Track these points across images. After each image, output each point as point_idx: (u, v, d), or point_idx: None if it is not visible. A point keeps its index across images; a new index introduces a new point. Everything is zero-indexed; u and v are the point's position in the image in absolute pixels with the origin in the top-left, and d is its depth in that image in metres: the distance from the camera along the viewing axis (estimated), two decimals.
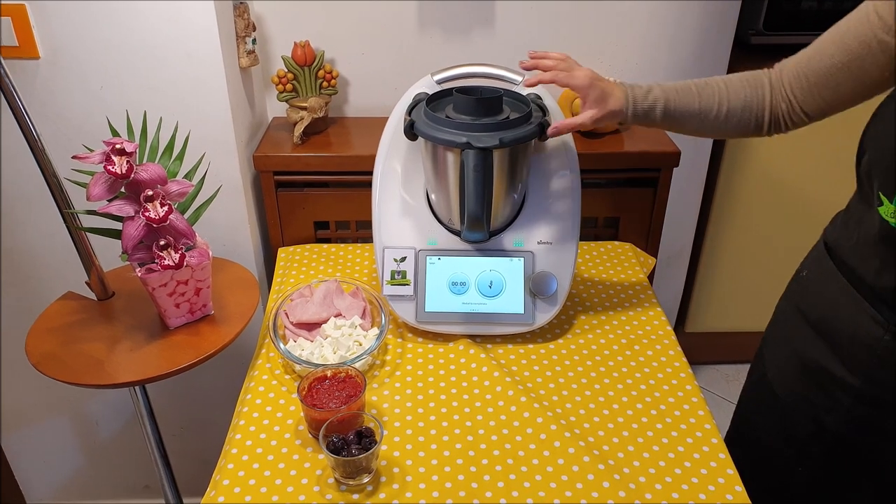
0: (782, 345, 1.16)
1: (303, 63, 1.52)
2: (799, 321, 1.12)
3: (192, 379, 1.68)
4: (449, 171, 1.15)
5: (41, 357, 1.16)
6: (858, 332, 0.99)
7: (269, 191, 1.53)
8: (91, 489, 1.99)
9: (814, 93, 1.00)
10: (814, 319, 1.08)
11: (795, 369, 1.11)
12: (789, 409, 1.11)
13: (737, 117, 1.05)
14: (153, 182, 1.11)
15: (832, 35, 0.99)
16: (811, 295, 1.10)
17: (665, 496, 0.96)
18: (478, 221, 1.11)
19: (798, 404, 1.10)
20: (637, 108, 1.05)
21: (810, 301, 1.10)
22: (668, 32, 1.61)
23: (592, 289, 1.38)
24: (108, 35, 1.31)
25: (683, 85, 1.07)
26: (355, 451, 0.94)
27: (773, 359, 1.17)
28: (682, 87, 1.06)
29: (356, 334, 1.20)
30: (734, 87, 1.06)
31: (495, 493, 0.96)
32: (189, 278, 1.19)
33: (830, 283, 1.04)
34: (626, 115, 1.06)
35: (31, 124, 1.12)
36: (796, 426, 1.10)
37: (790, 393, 1.11)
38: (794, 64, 1.03)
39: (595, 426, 1.07)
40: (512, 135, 1.09)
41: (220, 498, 0.96)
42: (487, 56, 1.58)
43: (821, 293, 1.07)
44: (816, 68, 1.00)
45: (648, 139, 1.59)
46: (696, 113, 1.06)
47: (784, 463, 1.12)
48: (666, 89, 1.06)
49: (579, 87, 1.06)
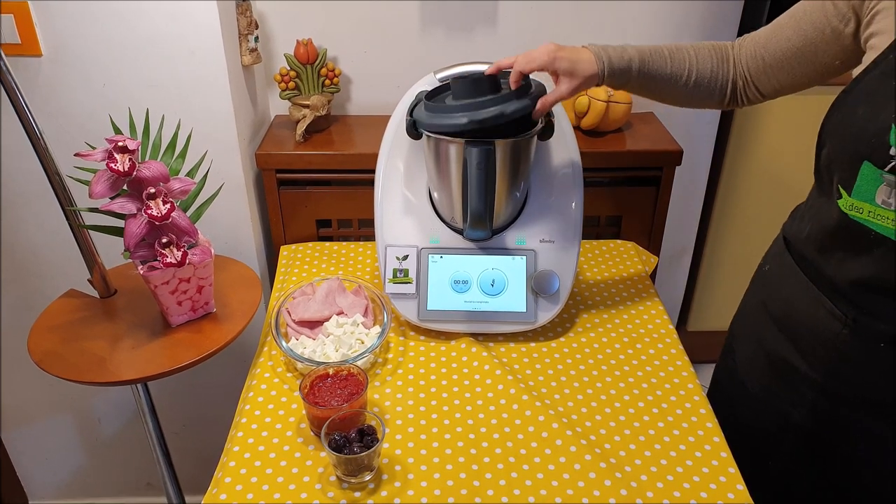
0: (749, 339, 1.17)
1: (305, 61, 1.52)
2: (763, 315, 1.12)
3: (194, 377, 1.68)
4: (451, 169, 1.15)
5: (43, 355, 1.17)
6: (817, 326, 0.99)
7: (272, 189, 1.53)
8: (93, 486, 2.00)
9: (769, 73, 1.02)
10: (776, 314, 1.09)
11: (762, 363, 1.11)
12: (759, 403, 1.11)
13: (703, 86, 1.07)
14: (155, 180, 1.11)
15: (790, 18, 1.01)
16: (772, 289, 1.11)
17: (666, 495, 0.96)
18: (480, 219, 1.11)
19: (767, 398, 1.10)
20: (613, 66, 1.04)
21: (772, 296, 1.11)
22: (671, 31, 1.61)
23: (594, 287, 1.38)
24: (111, 32, 1.31)
25: (656, 48, 1.07)
26: (357, 449, 0.94)
27: (742, 352, 1.17)
28: (655, 50, 1.06)
29: (358, 332, 1.20)
30: (702, 55, 1.07)
31: (496, 491, 0.96)
32: (191, 276, 1.19)
33: (789, 278, 1.05)
34: (602, 76, 1.05)
35: (33, 122, 1.12)
36: (765, 420, 1.10)
37: (759, 387, 1.12)
38: (751, 42, 1.05)
39: (596, 424, 1.07)
40: (513, 106, 1.04)
41: (223, 495, 0.96)
42: (490, 54, 1.57)
43: (781, 288, 1.08)
44: (773, 50, 1.02)
45: (651, 138, 1.59)
46: (667, 77, 1.06)
47: (754, 456, 1.12)
48: (640, 50, 1.06)
49: (543, 65, 1.04)
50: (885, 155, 0.84)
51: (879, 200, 0.86)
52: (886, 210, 0.86)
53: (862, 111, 0.88)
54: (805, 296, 1.01)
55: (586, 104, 1.54)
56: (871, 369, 0.95)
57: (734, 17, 1.63)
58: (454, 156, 1.13)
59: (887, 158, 0.84)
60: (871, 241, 0.89)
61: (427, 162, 1.21)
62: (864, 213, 0.88)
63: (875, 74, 0.88)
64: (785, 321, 1.06)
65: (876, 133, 0.85)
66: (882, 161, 0.84)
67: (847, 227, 0.92)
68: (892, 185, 0.84)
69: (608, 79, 1.05)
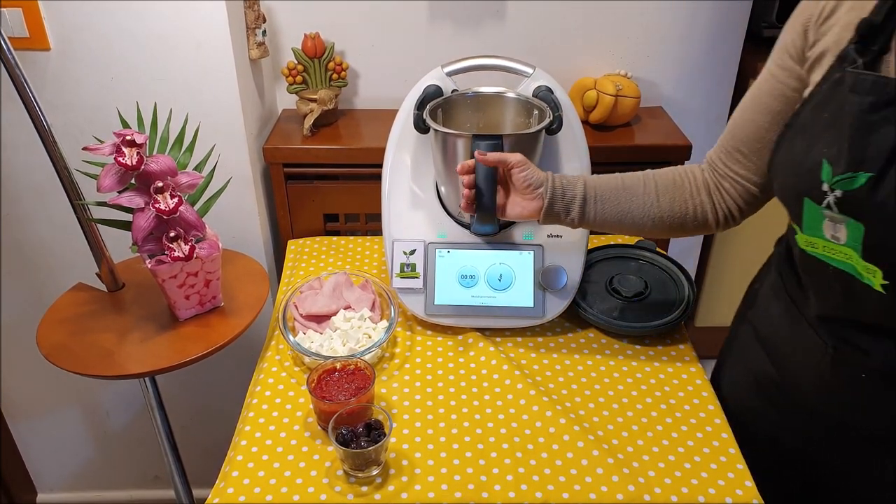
0: (737, 360, 1.15)
1: (313, 55, 1.51)
2: (750, 337, 1.11)
3: (202, 370, 1.68)
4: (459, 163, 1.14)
5: (52, 348, 1.17)
6: (802, 353, 0.97)
7: (279, 183, 1.53)
8: (101, 479, 2.01)
9: (752, 159, 1.00)
10: (762, 336, 1.07)
11: (750, 385, 1.10)
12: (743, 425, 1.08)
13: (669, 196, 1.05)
14: (163, 174, 1.11)
15: (749, 102, 1.00)
16: (760, 310, 1.10)
17: (674, 491, 0.95)
18: (488, 213, 1.11)
19: (753, 420, 1.08)
20: (556, 188, 1.04)
21: (759, 316, 1.09)
22: (680, 25, 1.60)
23: None
24: (119, 27, 1.31)
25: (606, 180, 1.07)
26: (364, 444, 0.94)
27: (728, 374, 1.16)
28: (605, 180, 1.06)
29: (365, 327, 1.20)
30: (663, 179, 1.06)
31: (504, 487, 0.96)
32: (199, 270, 1.19)
33: (775, 301, 1.04)
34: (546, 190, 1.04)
35: (41, 116, 1.12)
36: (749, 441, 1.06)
37: (745, 409, 1.10)
38: (719, 148, 1.04)
39: (604, 420, 1.06)
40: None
41: (230, 489, 0.96)
42: (498, 48, 1.58)
43: (767, 309, 1.07)
44: (744, 138, 1.00)
45: (659, 132, 1.58)
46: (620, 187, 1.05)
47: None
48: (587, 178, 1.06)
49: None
50: (819, 192, 0.82)
51: (828, 235, 0.84)
52: (836, 244, 0.84)
53: (798, 146, 0.87)
54: (789, 321, 1.00)
55: (595, 98, 1.53)
56: (855, 398, 0.92)
57: (744, 9, 1.62)
58: (462, 149, 1.13)
59: (822, 195, 0.82)
60: (832, 275, 0.87)
61: (434, 156, 1.21)
62: (819, 247, 0.87)
63: (809, 108, 0.87)
64: (770, 343, 1.05)
65: (810, 169, 0.83)
66: (818, 198, 0.83)
67: (809, 262, 0.91)
68: (834, 221, 0.83)
69: (552, 203, 1.04)
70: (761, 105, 0.98)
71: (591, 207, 1.04)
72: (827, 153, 0.81)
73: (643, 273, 1.31)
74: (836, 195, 0.80)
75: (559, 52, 1.62)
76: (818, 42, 0.88)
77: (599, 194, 1.04)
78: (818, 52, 0.88)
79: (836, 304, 0.90)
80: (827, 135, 0.83)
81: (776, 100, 0.96)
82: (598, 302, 1.25)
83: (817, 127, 0.85)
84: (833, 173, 0.80)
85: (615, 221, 1.06)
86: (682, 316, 1.22)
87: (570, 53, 1.62)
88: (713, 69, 1.67)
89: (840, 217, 0.81)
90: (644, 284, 1.26)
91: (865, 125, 0.78)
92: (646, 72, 1.65)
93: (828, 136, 0.82)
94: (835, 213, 0.82)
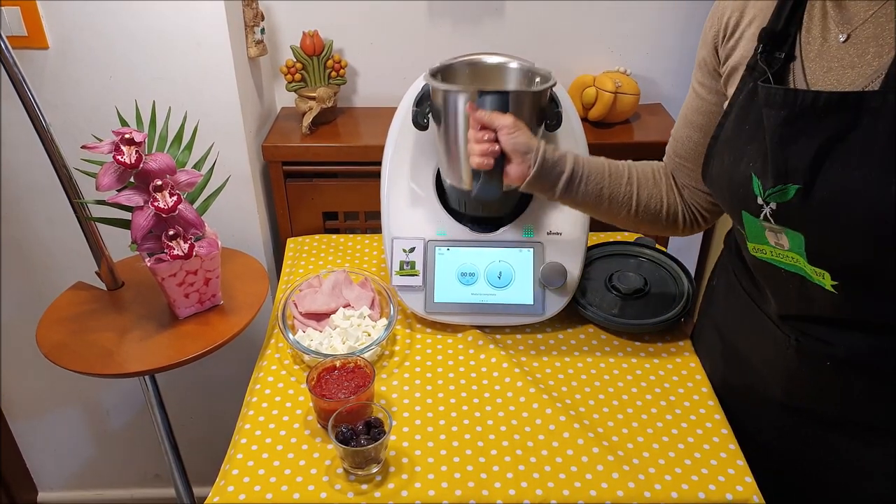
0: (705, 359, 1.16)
1: (311, 53, 1.51)
2: (713, 334, 1.11)
3: (202, 369, 1.68)
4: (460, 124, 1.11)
5: (52, 347, 1.17)
6: (765, 348, 0.98)
7: (278, 181, 1.52)
8: (101, 478, 2.01)
9: (698, 171, 1.01)
10: (725, 333, 1.07)
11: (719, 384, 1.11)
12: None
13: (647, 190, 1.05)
14: (162, 172, 1.11)
15: (680, 121, 1.03)
16: (720, 307, 1.10)
17: (674, 487, 0.95)
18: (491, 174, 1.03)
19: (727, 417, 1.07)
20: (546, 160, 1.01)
21: (720, 313, 1.10)
22: (679, 22, 1.60)
23: None
24: (117, 25, 1.31)
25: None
26: (364, 442, 0.94)
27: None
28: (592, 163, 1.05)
29: (365, 325, 1.20)
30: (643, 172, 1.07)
31: (504, 484, 0.96)
32: (198, 268, 1.19)
33: (734, 298, 1.04)
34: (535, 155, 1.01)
35: (40, 114, 1.12)
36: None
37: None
38: (668, 160, 1.08)
39: (604, 417, 1.06)
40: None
41: (230, 487, 0.96)
42: (497, 46, 1.57)
43: (728, 306, 1.07)
44: (685, 154, 1.03)
45: (659, 129, 1.58)
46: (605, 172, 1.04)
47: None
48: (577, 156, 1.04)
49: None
50: (755, 205, 0.83)
51: (773, 242, 0.85)
52: (782, 250, 0.85)
53: (726, 160, 0.88)
54: (750, 317, 1.00)
55: (594, 95, 1.53)
56: (823, 387, 0.92)
57: None
58: (462, 109, 1.09)
59: (758, 208, 0.83)
60: (784, 276, 0.88)
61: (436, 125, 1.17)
62: (767, 253, 0.88)
63: (730, 119, 0.88)
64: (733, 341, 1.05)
65: (741, 183, 0.84)
66: (755, 210, 0.84)
67: (760, 266, 0.91)
68: (774, 231, 0.83)
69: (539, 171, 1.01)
70: (691, 122, 1.01)
71: (575, 186, 1.02)
72: (754, 167, 0.83)
73: (643, 270, 1.31)
74: (772, 207, 0.81)
75: (558, 49, 1.61)
76: (729, 57, 0.91)
77: (586, 174, 1.03)
78: (730, 66, 0.90)
79: (793, 303, 0.90)
80: (750, 148, 0.84)
81: (702, 115, 0.98)
82: (597, 299, 1.25)
83: (740, 140, 0.86)
84: (763, 186, 0.81)
85: (594, 204, 1.05)
86: (681, 313, 1.22)
87: (569, 51, 1.62)
88: None
89: (778, 227, 0.82)
90: (643, 281, 1.26)
91: (783, 138, 0.78)
92: (645, 69, 1.65)
93: (751, 149, 0.84)
94: (773, 225, 0.83)
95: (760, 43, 0.85)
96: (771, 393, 0.99)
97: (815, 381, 0.92)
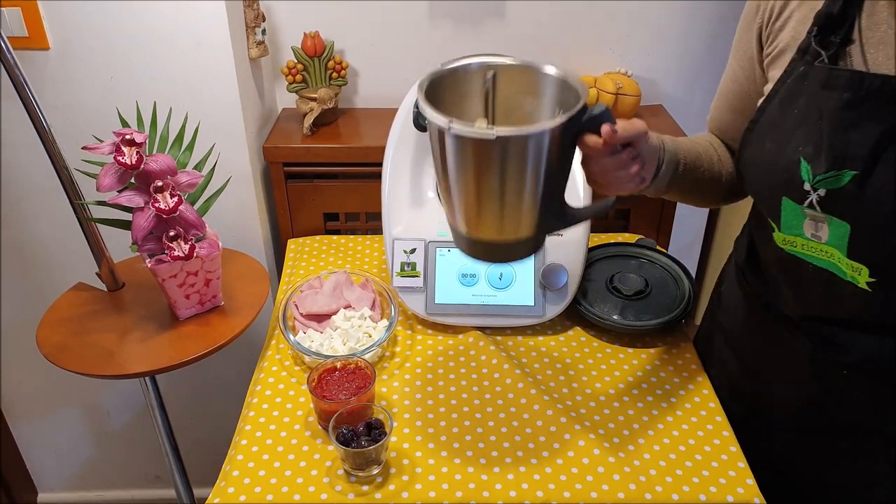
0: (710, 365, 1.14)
1: (312, 54, 1.51)
2: (721, 342, 1.09)
3: (203, 370, 1.68)
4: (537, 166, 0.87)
5: (52, 348, 1.17)
6: (777, 357, 0.96)
7: (279, 182, 1.52)
8: (102, 479, 2.01)
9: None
10: (733, 341, 1.05)
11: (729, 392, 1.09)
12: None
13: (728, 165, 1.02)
14: (163, 173, 1.11)
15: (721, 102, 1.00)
16: (728, 315, 1.08)
17: (675, 489, 0.95)
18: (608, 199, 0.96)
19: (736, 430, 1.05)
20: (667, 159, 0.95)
21: (728, 321, 1.07)
22: (681, 23, 1.60)
23: None
24: (118, 26, 1.31)
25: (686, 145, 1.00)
26: (365, 443, 0.94)
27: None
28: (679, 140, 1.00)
29: (366, 326, 1.20)
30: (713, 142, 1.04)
31: (505, 486, 0.96)
32: (199, 269, 1.19)
33: (744, 306, 1.02)
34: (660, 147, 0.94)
35: (41, 115, 1.12)
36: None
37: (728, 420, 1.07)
38: (716, 130, 1.04)
39: (605, 419, 1.06)
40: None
41: (231, 488, 0.96)
42: (497, 47, 1.57)
43: (736, 315, 1.04)
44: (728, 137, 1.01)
45: (660, 130, 1.56)
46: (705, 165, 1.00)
47: None
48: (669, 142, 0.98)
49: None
50: (800, 191, 0.80)
51: (809, 234, 0.83)
52: (818, 243, 0.82)
53: (769, 145, 0.85)
54: (760, 326, 0.98)
55: (595, 97, 1.53)
56: (838, 396, 0.91)
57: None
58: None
59: (803, 194, 0.80)
60: (812, 273, 0.85)
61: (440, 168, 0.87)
62: (798, 246, 0.85)
63: (775, 103, 0.85)
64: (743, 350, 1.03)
65: (786, 168, 0.81)
66: (799, 197, 0.81)
67: (786, 261, 0.88)
68: (816, 220, 0.81)
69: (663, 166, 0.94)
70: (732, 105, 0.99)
71: (677, 178, 0.95)
72: (803, 151, 0.80)
73: (644, 271, 1.30)
74: (820, 194, 0.79)
75: (559, 50, 1.61)
76: (775, 39, 0.87)
77: (688, 163, 0.96)
78: (777, 48, 0.87)
79: (815, 303, 0.88)
80: (800, 132, 0.81)
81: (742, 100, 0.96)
82: (598, 301, 1.25)
83: (787, 124, 0.83)
84: (813, 172, 0.79)
85: (687, 193, 1.00)
86: (682, 314, 1.22)
87: (570, 51, 1.62)
88: (713, 67, 1.67)
89: (823, 216, 0.80)
90: (644, 283, 1.26)
91: (844, 122, 0.76)
92: (646, 70, 1.65)
93: (800, 133, 0.81)
94: (817, 213, 0.80)
95: (815, 25, 0.81)
96: (781, 401, 0.98)
97: (830, 391, 0.91)
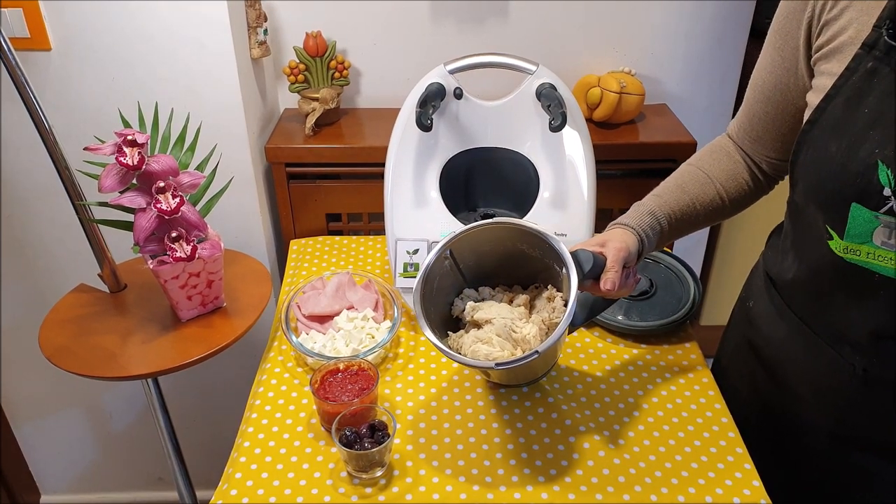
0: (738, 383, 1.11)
1: (314, 54, 1.51)
2: (751, 357, 1.06)
3: (205, 371, 1.68)
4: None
5: (54, 349, 1.16)
6: (819, 376, 0.92)
7: (281, 182, 1.52)
8: (104, 481, 2.01)
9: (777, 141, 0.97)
10: (766, 359, 1.02)
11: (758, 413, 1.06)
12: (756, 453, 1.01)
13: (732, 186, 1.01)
14: (165, 173, 1.10)
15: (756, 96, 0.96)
16: (761, 331, 1.03)
17: (681, 491, 0.94)
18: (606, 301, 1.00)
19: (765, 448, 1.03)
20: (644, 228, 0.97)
21: (761, 336, 1.03)
22: (685, 22, 1.59)
23: None
24: (120, 26, 1.30)
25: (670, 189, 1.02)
26: (368, 445, 0.94)
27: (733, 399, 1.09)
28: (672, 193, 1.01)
29: (368, 327, 1.19)
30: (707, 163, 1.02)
31: (509, 488, 0.95)
32: (201, 270, 1.18)
33: (780, 321, 0.98)
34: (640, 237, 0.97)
35: (42, 116, 1.11)
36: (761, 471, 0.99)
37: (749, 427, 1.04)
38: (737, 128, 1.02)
39: (609, 420, 1.06)
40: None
41: (233, 491, 0.95)
42: (501, 46, 1.57)
43: (771, 331, 1.00)
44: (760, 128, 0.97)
45: (664, 130, 1.57)
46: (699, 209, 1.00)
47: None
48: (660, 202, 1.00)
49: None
50: (877, 196, 0.75)
51: (878, 242, 0.77)
52: (889, 251, 0.77)
53: (835, 147, 0.79)
54: (802, 343, 0.94)
55: (598, 96, 1.52)
56: (882, 414, 0.87)
57: (748, 5, 1.61)
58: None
59: (881, 200, 0.75)
60: (876, 283, 0.80)
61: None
62: (863, 255, 0.80)
63: (838, 102, 0.79)
64: (778, 367, 1.00)
65: (860, 172, 0.76)
66: (875, 203, 0.75)
67: (844, 271, 0.82)
68: (891, 227, 0.75)
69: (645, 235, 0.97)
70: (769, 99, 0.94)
71: (665, 237, 1.00)
72: (880, 154, 0.74)
73: (649, 272, 1.30)
74: None
75: (562, 49, 1.61)
76: (828, 31, 0.82)
77: (674, 222, 0.99)
78: (833, 42, 0.81)
79: (876, 314, 0.83)
80: (874, 133, 0.75)
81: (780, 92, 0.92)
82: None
83: (857, 125, 0.77)
84: (894, 176, 0.74)
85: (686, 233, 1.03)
86: (687, 315, 1.21)
87: (574, 51, 1.62)
88: (718, 66, 1.66)
89: None
90: (649, 283, 1.25)
91: None
92: (650, 69, 1.64)
93: (875, 134, 0.75)
94: (894, 219, 0.75)
95: (888, 19, 0.75)
96: (819, 420, 0.95)
97: (877, 411, 0.88)
